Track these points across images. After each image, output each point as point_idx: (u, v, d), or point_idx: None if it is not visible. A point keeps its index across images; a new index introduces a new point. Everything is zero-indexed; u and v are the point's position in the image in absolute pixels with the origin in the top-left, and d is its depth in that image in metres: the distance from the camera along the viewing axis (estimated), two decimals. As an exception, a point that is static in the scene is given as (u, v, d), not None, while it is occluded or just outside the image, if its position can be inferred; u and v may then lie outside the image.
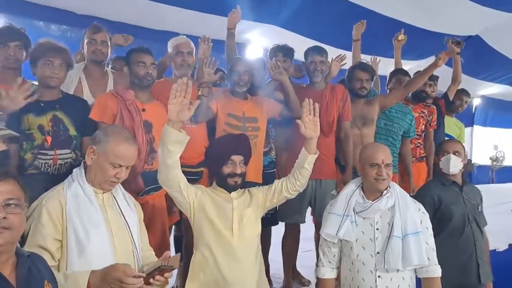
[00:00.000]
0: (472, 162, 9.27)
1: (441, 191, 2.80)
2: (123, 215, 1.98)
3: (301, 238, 3.44)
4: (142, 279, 1.69)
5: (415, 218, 2.27)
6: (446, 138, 4.06)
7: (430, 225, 2.33)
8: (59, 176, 2.35)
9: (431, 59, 6.11)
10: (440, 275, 2.28)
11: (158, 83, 2.91)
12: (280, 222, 3.38)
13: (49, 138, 2.40)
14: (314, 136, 2.37)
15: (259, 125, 3.03)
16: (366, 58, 4.20)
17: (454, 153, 2.79)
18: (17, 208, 1.34)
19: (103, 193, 1.96)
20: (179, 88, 2.02)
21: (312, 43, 5.18)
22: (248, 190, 2.46)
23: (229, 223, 2.28)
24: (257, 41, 5.25)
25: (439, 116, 4.15)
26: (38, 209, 1.80)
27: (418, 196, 2.88)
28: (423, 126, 3.95)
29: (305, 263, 3.69)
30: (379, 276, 2.22)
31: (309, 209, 3.38)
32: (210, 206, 2.30)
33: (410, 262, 2.19)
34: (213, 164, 2.44)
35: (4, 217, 1.30)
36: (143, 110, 2.64)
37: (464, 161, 2.85)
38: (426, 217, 2.33)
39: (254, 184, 2.86)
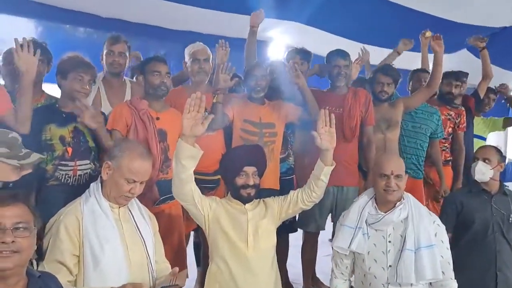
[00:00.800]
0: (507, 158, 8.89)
1: (466, 198, 2.72)
2: (138, 229, 2.00)
3: (320, 242, 3.41)
4: None
5: (429, 231, 2.20)
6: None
7: (446, 238, 2.26)
8: (79, 187, 2.40)
9: (461, 53, 5.91)
10: None
11: (174, 91, 2.92)
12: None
13: (69, 149, 2.45)
14: (330, 148, 2.34)
15: (276, 131, 2.99)
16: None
17: (484, 160, 2.67)
18: (26, 231, 1.36)
19: (119, 207, 1.98)
20: (192, 103, 2.02)
21: (336, 39, 5.11)
22: (263, 200, 2.44)
23: (244, 235, 2.27)
24: (280, 38, 5.15)
25: (469, 117, 3.98)
26: (56, 224, 1.84)
27: (444, 203, 2.85)
28: (450, 129, 3.80)
29: (324, 268, 3.66)
30: None
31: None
32: (225, 218, 2.29)
33: (423, 276, 2.13)
34: (227, 175, 2.43)
35: (13, 241, 1.32)
36: (157, 119, 2.65)
37: (497, 168, 2.69)
38: (441, 229, 2.26)
39: (271, 191, 2.85)
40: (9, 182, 1.68)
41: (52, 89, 2.81)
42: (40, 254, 1.84)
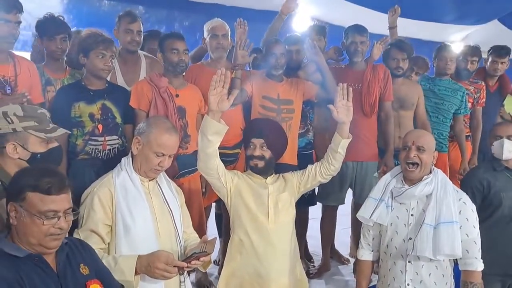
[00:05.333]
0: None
1: (491, 177, 2.63)
2: (167, 202, 2.07)
3: (339, 215, 3.46)
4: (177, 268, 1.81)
5: (452, 208, 2.17)
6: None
7: (472, 216, 2.21)
8: (108, 161, 2.52)
9: (492, 24, 5.69)
10: (480, 269, 2.18)
11: (194, 67, 2.96)
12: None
13: (100, 126, 2.54)
14: (346, 121, 2.36)
15: (294, 107, 3.01)
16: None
17: (508, 138, 2.59)
18: (71, 215, 1.50)
19: (149, 181, 2.06)
20: (217, 79, 2.07)
21: (362, 10, 5.00)
22: (282, 175, 2.49)
23: (265, 209, 2.33)
24: (305, 10, 5.06)
25: (498, 97, 3.90)
26: (90, 196, 1.93)
27: (467, 180, 2.76)
28: (470, 104, 3.74)
29: (343, 241, 3.76)
30: (409, 261, 2.21)
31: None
32: (247, 192, 2.36)
33: (439, 251, 2.12)
34: (244, 147, 2.50)
35: (65, 226, 1.46)
36: (177, 96, 2.70)
37: None
38: (467, 207, 2.21)
39: (289, 166, 2.88)
40: (37, 153, 1.76)
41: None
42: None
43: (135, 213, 1.93)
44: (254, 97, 2.98)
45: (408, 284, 2.21)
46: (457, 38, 6.50)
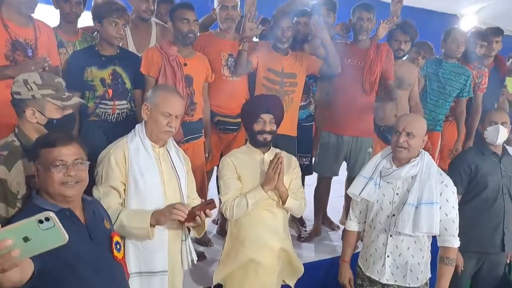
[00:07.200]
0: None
1: (479, 160, 2.80)
2: (175, 168, 2.23)
3: (333, 183, 3.60)
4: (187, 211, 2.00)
5: (434, 190, 2.32)
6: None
7: (452, 198, 2.36)
8: (117, 123, 2.68)
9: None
10: (456, 246, 2.36)
11: (203, 36, 3.03)
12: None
13: (110, 91, 2.67)
14: (279, 188, 2.40)
15: (297, 81, 3.11)
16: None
17: (502, 124, 2.74)
18: (83, 165, 1.66)
19: (159, 147, 2.21)
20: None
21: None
22: (288, 155, 2.56)
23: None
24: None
25: (496, 78, 3.96)
26: (107, 156, 2.09)
27: (456, 162, 2.92)
28: None
29: (335, 208, 3.92)
30: (390, 235, 2.39)
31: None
32: (243, 169, 2.46)
33: (418, 228, 2.30)
34: (246, 121, 2.59)
35: (76, 174, 1.62)
36: (185, 65, 2.79)
37: (509, 132, 2.80)
38: (448, 189, 2.36)
39: (288, 137, 3.05)
40: (53, 119, 1.90)
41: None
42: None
43: (146, 175, 2.09)
44: (259, 69, 3.07)
45: (388, 256, 2.40)
46: (470, 11, 6.39)
